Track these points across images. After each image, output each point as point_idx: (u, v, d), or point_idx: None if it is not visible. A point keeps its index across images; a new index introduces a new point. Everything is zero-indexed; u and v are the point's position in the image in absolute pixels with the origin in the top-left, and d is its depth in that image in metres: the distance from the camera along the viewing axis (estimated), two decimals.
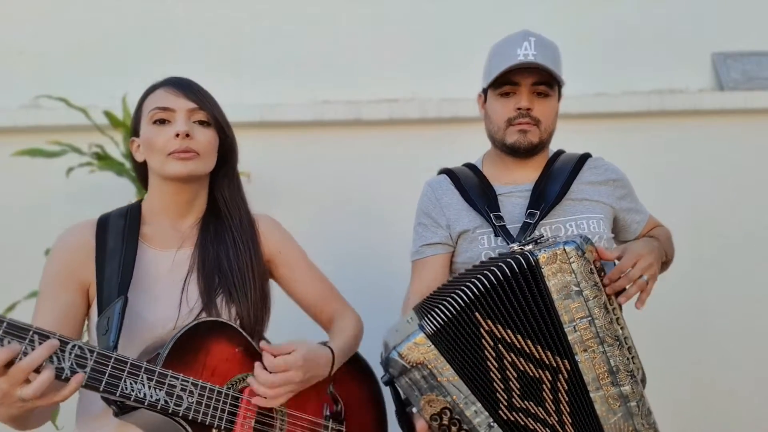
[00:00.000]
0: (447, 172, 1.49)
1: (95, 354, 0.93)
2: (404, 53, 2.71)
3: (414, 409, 1.09)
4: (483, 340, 1.07)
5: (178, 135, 1.15)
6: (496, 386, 1.08)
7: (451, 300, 1.08)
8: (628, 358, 1.10)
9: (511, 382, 1.08)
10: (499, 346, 1.08)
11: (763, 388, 2.52)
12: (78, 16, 2.68)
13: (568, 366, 1.08)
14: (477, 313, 1.07)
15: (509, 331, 1.08)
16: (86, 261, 1.15)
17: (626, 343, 1.13)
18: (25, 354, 0.84)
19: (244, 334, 1.17)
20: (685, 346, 2.53)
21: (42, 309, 1.13)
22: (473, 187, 1.41)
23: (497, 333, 1.08)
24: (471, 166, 1.50)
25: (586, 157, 1.47)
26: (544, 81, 1.35)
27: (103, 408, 1.06)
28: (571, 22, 2.74)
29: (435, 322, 1.07)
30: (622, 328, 1.14)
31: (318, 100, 2.66)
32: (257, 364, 1.12)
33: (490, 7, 2.72)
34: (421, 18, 2.75)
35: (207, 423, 1.05)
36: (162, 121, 1.17)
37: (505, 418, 1.08)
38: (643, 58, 2.74)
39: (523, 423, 1.08)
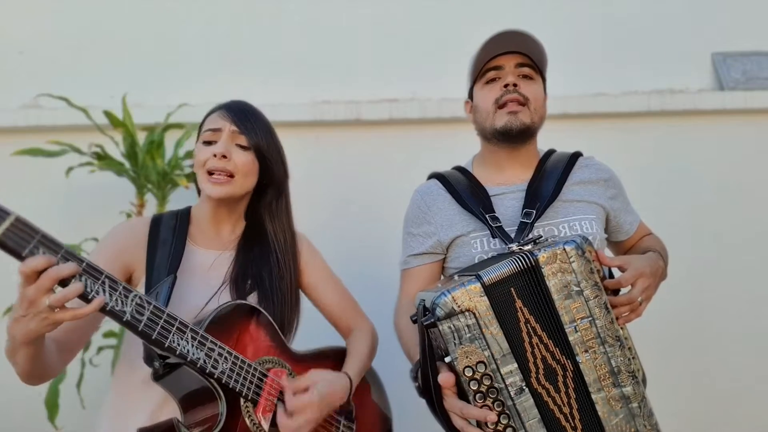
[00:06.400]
0: (437, 176, 1.48)
1: (152, 306, 1.04)
2: (404, 53, 2.71)
3: (447, 359, 1.06)
4: (518, 313, 1.08)
5: (215, 155, 1.27)
6: (529, 356, 1.07)
7: (502, 264, 1.09)
8: (629, 359, 1.10)
9: (538, 360, 1.08)
10: (528, 325, 1.08)
11: (764, 389, 2.52)
12: (78, 16, 2.68)
13: (571, 366, 1.08)
14: (512, 288, 1.08)
15: (532, 317, 1.08)
16: (136, 248, 1.28)
17: (627, 344, 1.12)
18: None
19: (274, 323, 1.27)
20: (685, 347, 2.53)
21: None
22: (465, 190, 1.40)
23: (526, 314, 1.08)
24: (461, 169, 1.49)
25: (577, 155, 1.46)
26: (528, 63, 1.36)
27: (141, 383, 1.18)
28: (571, 21, 2.74)
29: (493, 275, 1.08)
30: (622, 328, 1.14)
31: (318, 100, 2.66)
32: (279, 408, 1.19)
33: (490, 8, 2.73)
34: (421, 18, 2.75)
35: (237, 390, 1.14)
36: (209, 142, 1.31)
37: (535, 387, 1.07)
38: (643, 58, 2.74)
39: (545, 400, 1.07)
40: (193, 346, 1.08)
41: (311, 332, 1.48)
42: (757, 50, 2.75)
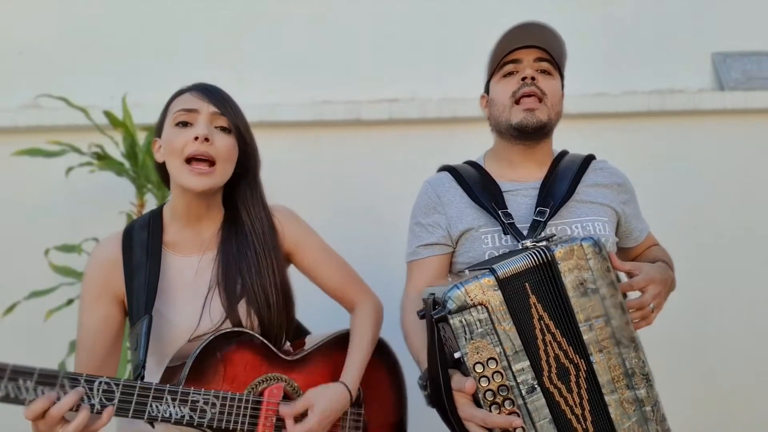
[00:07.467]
0: (448, 169, 1.45)
1: (121, 386, 1.01)
2: (404, 53, 2.71)
3: (456, 355, 1.02)
4: (532, 309, 1.05)
5: (197, 138, 1.15)
6: (542, 354, 1.04)
7: (517, 258, 1.06)
8: (643, 361, 1.07)
9: (551, 359, 1.04)
10: (542, 322, 1.05)
11: (766, 389, 2.52)
12: (78, 16, 2.68)
13: (584, 366, 1.05)
14: (527, 284, 1.05)
15: (546, 314, 1.05)
16: (116, 274, 1.21)
17: (640, 346, 1.10)
18: (58, 398, 0.94)
19: (260, 337, 1.21)
20: (686, 347, 2.53)
21: (84, 323, 1.22)
22: (477, 184, 1.37)
23: (540, 310, 1.05)
24: (472, 164, 1.46)
25: (591, 158, 1.45)
26: (547, 58, 1.35)
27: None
28: (571, 22, 2.73)
29: (507, 268, 1.04)
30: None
31: (318, 100, 2.66)
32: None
33: (490, 8, 2.72)
34: (421, 18, 2.74)
35: (230, 428, 1.11)
36: (184, 124, 1.19)
37: (546, 386, 1.03)
38: (643, 58, 2.74)
39: (557, 400, 1.04)
40: (174, 406, 1.04)
41: (310, 315, 1.48)
42: (757, 50, 2.75)
